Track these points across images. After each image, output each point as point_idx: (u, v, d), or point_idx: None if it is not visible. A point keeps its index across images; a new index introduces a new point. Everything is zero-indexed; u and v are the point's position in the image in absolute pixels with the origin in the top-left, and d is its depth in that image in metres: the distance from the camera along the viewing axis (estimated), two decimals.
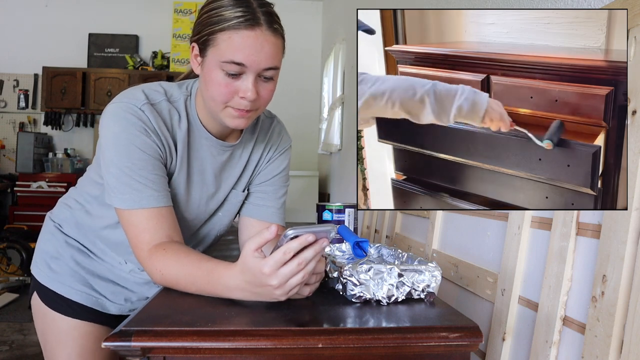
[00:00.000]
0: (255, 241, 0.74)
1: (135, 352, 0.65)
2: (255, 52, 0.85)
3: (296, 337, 0.67)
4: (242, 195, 1.09)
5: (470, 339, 0.68)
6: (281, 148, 1.11)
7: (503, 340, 1.05)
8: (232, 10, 0.85)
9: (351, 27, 3.27)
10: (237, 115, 0.90)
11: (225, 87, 0.87)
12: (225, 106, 0.89)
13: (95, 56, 5.01)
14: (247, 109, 0.89)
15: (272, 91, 0.91)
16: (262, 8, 0.86)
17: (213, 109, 0.92)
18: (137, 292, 1.10)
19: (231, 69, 0.85)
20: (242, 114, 0.90)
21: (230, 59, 0.85)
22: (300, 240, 0.72)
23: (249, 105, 0.88)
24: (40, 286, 1.08)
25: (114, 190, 0.90)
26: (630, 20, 0.76)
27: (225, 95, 0.87)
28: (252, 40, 0.84)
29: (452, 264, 1.35)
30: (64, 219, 1.10)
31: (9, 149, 4.99)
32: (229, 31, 0.84)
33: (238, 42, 0.84)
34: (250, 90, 0.86)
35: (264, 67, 0.86)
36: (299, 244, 0.72)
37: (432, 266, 0.82)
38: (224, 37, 0.84)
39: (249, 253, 0.74)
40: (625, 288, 0.74)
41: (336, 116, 3.44)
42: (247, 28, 0.84)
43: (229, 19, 0.84)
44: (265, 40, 0.85)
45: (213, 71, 0.87)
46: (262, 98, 0.90)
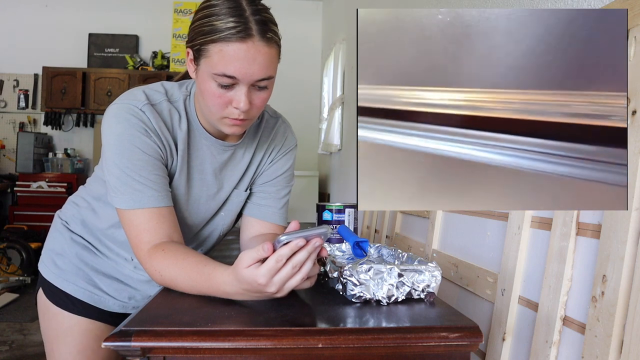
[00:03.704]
0: (251, 256, 0.74)
1: (135, 352, 0.65)
2: (247, 64, 0.83)
3: (296, 337, 0.67)
4: (245, 195, 1.09)
5: (470, 339, 0.68)
6: (285, 148, 1.11)
7: (503, 340, 1.05)
8: (224, 21, 0.82)
9: (351, 27, 3.27)
10: (232, 124, 0.91)
11: (219, 98, 0.87)
12: (221, 117, 0.90)
13: (95, 56, 5.01)
14: (241, 117, 0.89)
15: (266, 99, 0.91)
16: (255, 16, 0.83)
17: (209, 117, 0.93)
18: (141, 290, 1.11)
19: (223, 81, 0.85)
20: (236, 122, 0.90)
21: (222, 72, 0.84)
22: (290, 246, 0.72)
23: (243, 115, 0.89)
24: (46, 282, 1.10)
25: (114, 190, 0.91)
26: (630, 20, 0.76)
27: (219, 105, 0.88)
28: (244, 52, 0.82)
29: (452, 264, 1.35)
30: (71, 216, 1.11)
31: (9, 149, 4.98)
32: (220, 43, 0.82)
33: (229, 55, 0.82)
34: (243, 102, 0.86)
35: (257, 78, 0.86)
36: (289, 250, 0.72)
37: (432, 266, 0.82)
38: (215, 49, 0.83)
39: (243, 266, 0.74)
40: (625, 288, 0.74)
41: (336, 116, 3.44)
42: (238, 40, 0.82)
43: (220, 29, 0.82)
44: (258, 51, 0.83)
45: (206, 81, 0.86)
46: (256, 107, 0.90)
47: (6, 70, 5.00)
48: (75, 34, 4.99)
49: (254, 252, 0.74)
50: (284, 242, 0.73)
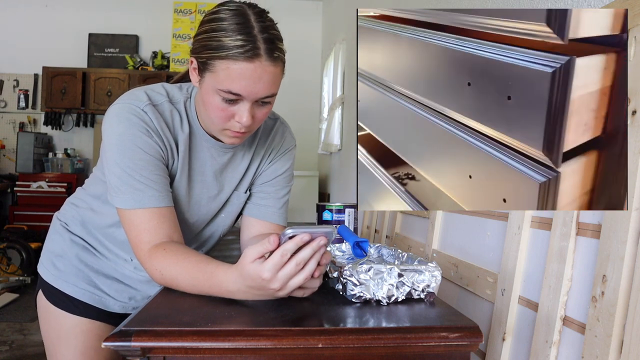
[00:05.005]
0: (256, 250, 0.74)
1: (135, 352, 0.65)
2: (253, 83, 0.84)
3: (296, 337, 0.67)
4: (245, 196, 1.10)
5: (470, 339, 0.68)
6: (284, 149, 1.11)
7: (503, 340, 1.05)
8: (232, 38, 0.82)
9: (351, 27, 3.27)
10: (232, 136, 0.92)
11: (222, 112, 0.88)
12: (223, 129, 0.91)
13: (95, 56, 5.01)
14: (242, 131, 0.90)
15: (267, 113, 0.92)
16: (263, 34, 0.83)
17: (210, 127, 0.95)
18: (141, 290, 1.11)
19: (228, 96, 0.85)
20: (237, 134, 0.92)
21: (228, 89, 0.84)
22: (295, 240, 0.72)
23: (244, 128, 0.90)
24: (46, 284, 1.10)
25: (115, 190, 0.91)
26: (630, 20, 0.76)
27: (221, 118, 0.89)
28: (251, 72, 0.83)
29: (452, 264, 1.35)
30: (70, 217, 1.11)
31: (9, 149, 4.99)
32: (227, 61, 0.82)
33: (236, 74, 0.83)
34: (245, 117, 0.87)
35: (261, 96, 0.87)
36: (294, 245, 0.72)
37: (432, 266, 0.82)
38: (222, 66, 0.83)
39: (248, 261, 0.74)
40: (625, 288, 0.74)
41: (336, 116, 3.44)
42: (246, 60, 0.82)
43: (228, 47, 0.82)
44: (264, 71, 0.84)
45: (210, 95, 0.87)
46: (258, 121, 0.91)
47: (6, 70, 5.00)
48: (75, 34, 4.99)
49: (259, 247, 0.74)
50: (290, 236, 0.73)
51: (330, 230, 0.75)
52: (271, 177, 1.10)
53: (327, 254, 0.77)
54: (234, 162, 1.05)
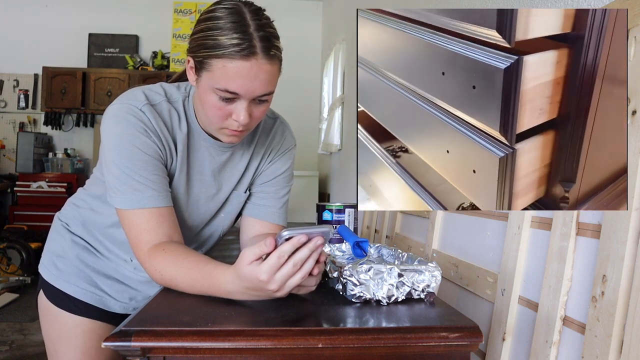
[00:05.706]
0: (253, 252, 0.74)
1: (135, 352, 0.65)
2: (250, 82, 0.84)
3: (296, 337, 0.67)
4: (244, 196, 1.09)
5: (470, 339, 0.68)
6: (284, 149, 1.11)
7: (503, 340, 1.05)
8: (228, 36, 0.82)
9: (351, 27, 3.27)
10: (230, 134, 0.92)
11: (219, 110, 0.88)
12: (221, 127, 0.91)
13: (95, 56, 5.01)
14: (240, 129, 0.91)
15: (265, 111, 0.92)
16: (259, 32, 0.83)
17: (208, 126, 0.95)
18: (142, 290, 1.11)
19: (225, 95, 0.85)
20: (235, 133, 0.92)
21: (224, 87, 0.84)
22: (292, 242, 0.72)
23: (242, 127, 0.90)
24: (47, 284, 1.10)
25: (114, 191, 0.91)
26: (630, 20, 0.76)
27: (219, 117, 0.89)
28: (247, 70, 0.83)
29: (452, 264, 1.35)
30: (71, 217, 1.11)
31: (9, 149, 4.99)
32: (223, 59, 0.82)
33: (232, 72, 0.83)
34: (243, 115, 0.87)
35: (258, 94, 0.87)
36: (291, 246, 0.72)
37: (432, 266, 0.82)
38: (219, 64, 0.83)
39: (245, 263, 0.74)
40: (625, 288, 0.74)
41: (336, 116, 3.44)
42: (242, 58, 0.82)
43: (224, 45, 0.82)
44: (260, 69, 0.84)
45: (207, 93, 0.87)
46: (255, 119, 0.91)
47: (6, 70, 5.00)
48: (75, 34, 4.99)
49: (255, 249, 0.74)
50: (286, 238, 0.73)
51: (327, 229, 0.76)
52: (271, 177, 1.10)
53: (323, 254, 0.77)
54: (233, 161, 1.05)
